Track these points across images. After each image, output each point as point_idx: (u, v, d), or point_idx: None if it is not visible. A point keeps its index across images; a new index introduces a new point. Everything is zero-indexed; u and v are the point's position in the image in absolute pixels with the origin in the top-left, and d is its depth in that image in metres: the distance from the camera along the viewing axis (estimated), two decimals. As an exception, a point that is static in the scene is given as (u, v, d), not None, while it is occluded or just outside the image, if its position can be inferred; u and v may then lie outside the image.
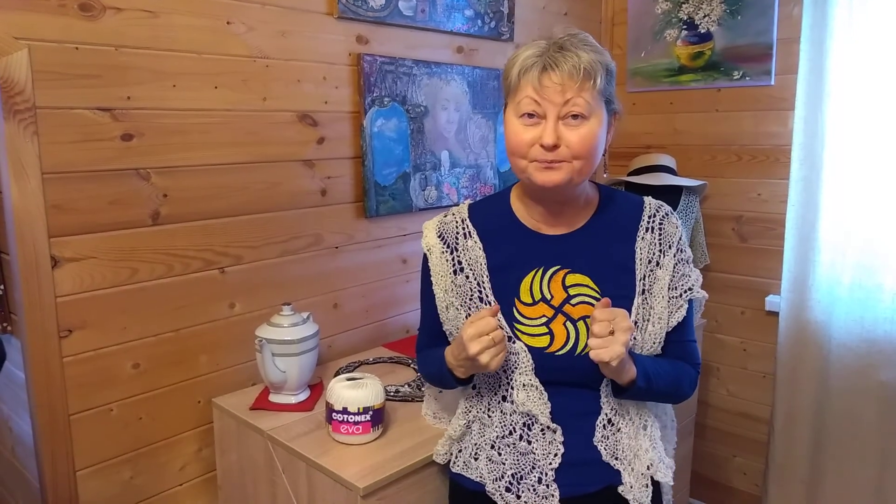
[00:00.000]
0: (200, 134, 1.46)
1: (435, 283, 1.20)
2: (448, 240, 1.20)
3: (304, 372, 1.45)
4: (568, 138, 1.04)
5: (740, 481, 2.41)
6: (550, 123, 1.04)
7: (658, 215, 1.17)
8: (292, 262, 1.66)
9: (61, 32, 1.24)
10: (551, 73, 1.03)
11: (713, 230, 2.34)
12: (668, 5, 2.35)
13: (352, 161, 1.76)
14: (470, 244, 1.18)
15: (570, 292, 1.13)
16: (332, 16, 1.66)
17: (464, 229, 1.19)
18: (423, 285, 1.24)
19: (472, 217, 1.21)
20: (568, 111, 1.03)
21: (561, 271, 1.14)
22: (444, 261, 1.19)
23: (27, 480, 1.41)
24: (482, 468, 1.16)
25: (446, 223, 1.22)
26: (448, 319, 1.20)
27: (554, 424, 1.11)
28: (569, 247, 1.15)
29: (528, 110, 1.05)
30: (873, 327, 1.96)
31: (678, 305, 1.15)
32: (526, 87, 1.05)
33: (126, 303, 1.38)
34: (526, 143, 1.06)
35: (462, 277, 1.17)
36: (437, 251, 1.20)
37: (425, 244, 1.22)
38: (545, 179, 1.06)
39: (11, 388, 1.42)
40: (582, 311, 1.12)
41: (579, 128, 1.04)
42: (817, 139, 2.00)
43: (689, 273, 1.17)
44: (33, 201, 1.23)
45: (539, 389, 1.11)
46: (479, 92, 2.05)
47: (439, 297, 1.20)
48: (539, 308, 1.13)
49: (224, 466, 1.51)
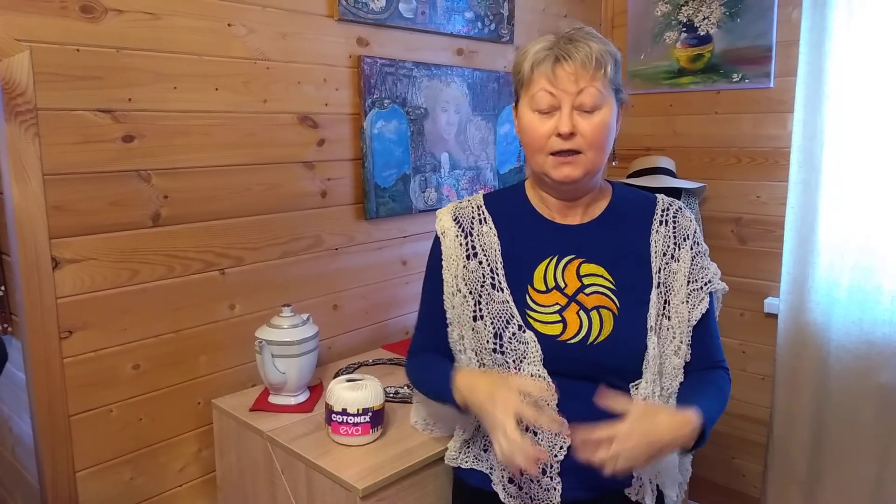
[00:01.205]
0: (201, 136, 1.46)
1: (446, 266, 1.19)
2: (463, 224, 1.20)
3: (303, 373, 1.46)
4: (582, 127, 1.06)
5: (739, 483, 2.41)
6: (566, 111, 1.06)
7: (671, 209, 1.19)
8: (292, 264, 1.67)
9: (63, 34, 1.25)
10: (564, 63, 1.06)
11: (712, 232, 2.35)
12: (667, 8, 2.36)
13: (352, 163, 1.76)
14: (485, 230, 1.18)
15: (585, 282, 1.13)
16: (333, 18, 1.67)
17: (479, 215, 1.20)
18: (431, 271, 1.23)
19: (487, 205, 1.22)
20: (582, 100, 1.06)
21: (575, 260, 1.14)
22: (458, 244, 1.18)
23: (27, 481, 1.42)
24: (492, 459, 1.15)
25: (462, 208, 1.22)
26: (454, 306, 1.18)
27: (560, 417, 1.08)
28: (584, 237, 1.16)
29: (544, 103, 1.07)
30: (872, 329, 1.96)
31: (699, 298, 1.15)
32: (540, 80, 1.07)
33: (126, 304, 1.38)
34: (543, 136, 1.08)
35: (475, 263, 1.17)
36: (451, 234, 1.19)
37: (440, 227, 1.21)
38: (563, 175, 1.08)
39: (12, 389, 1.42)
40: (595, 301, 1.12)
41: (592, 117, 1.07)
42: (816, 142, 2.01)
43: (707, 266, 1.17)
44: (34, 202, 1.24)
45: (547, 380, 1.10)
46: (479, 94, 2.06)
47: (448, 281, 1.18)
48: (552, 296, 1.12)
49: (224, 467, 1.51)
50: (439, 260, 1.20)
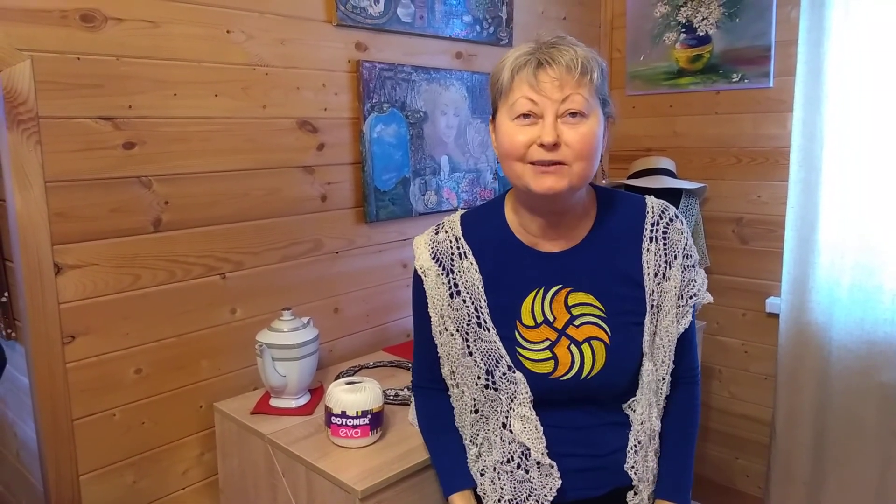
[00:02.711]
0: (201, 141, 1.48)
1: (431, 306, 1.14)
2: (443, 261, 1.13)
3: (304, 376, 1.47)
4: (568, 137, 0.98)
5: (743, 483, 2.41)
6: (549, 121, 0.97)
7: (662, 221, 1.11)
8: (293, 268, 1.68)
9: (63, 43, 1.26)
10: (548, 68, 0.98)
11: (713, 232, 2.35)
12: (666, 9, 2.36)
13: (351, 167, 1.77)
14: (465, 265, 1.11)
15: (574, 312, 1.08)
16: (331, 23, 1.68)
17: (458, 249, 1.13)
18: (416, 307, 1.19)
19: (465, 234, 1.14)
20: (567, 108, 0.98)
21: (563, 290, 1.09)
22: (441, 283, 1.13)
23: (31, 485, 1.43)
24: (486, 486, 1.14)
25: (439, 242, 1.15)
26: (442, 344, 1.15)
27: (549, 460, 1.07)
28: (569, 264, 1.09)
29: (524, 110, 0.99)
30: (873, 329, 1.96)
31: (684, 313, 1.12)
32: (521, 86, 0.99)
33: (128, 309, 1.40)
34: (522, 144, 0.99)
35: (459, 301, 1.11)
36: (432, 274, 1.13)
37: (419, 266, 1.15)
38: (545, 187, 0.99)
39: (16, 394, 1.44)
40: (587, 333, 1.07)
41: (579, 126, 0.98)
42: (816, 141, 2.01)
43: (695, 278, 1.13)
44: (36, 209, 1.25)
45: (535, 423, 1.07)
46: (479, 97, 2.07)
47: (435, 321, 1.14)
48: (542, 331, 1.08)
49: (226, 470, 1.53)
50: (423, 299, 1.16)
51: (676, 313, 1.11)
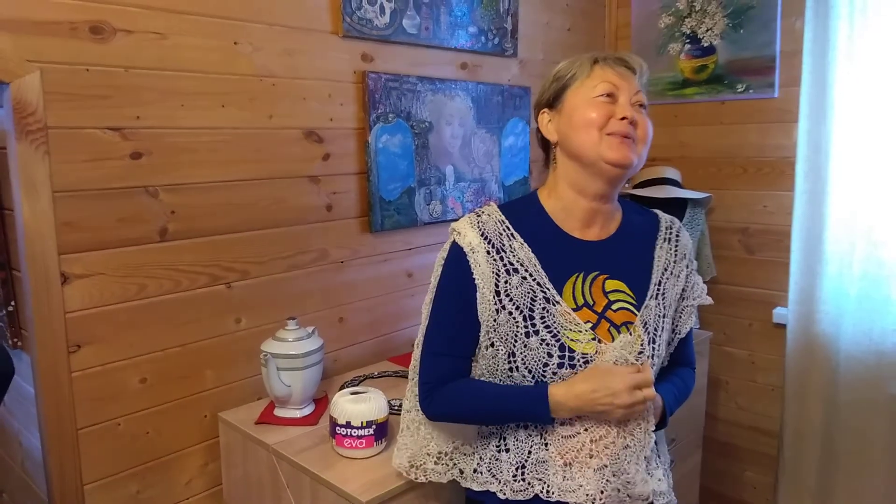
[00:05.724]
0: (208, 152, 1.48)
1: (482, 283, 1.10)
2: (492, 239, 1.12)
3: (308, 386, 1.47)
4: (639, 121, 1.10)
5: (751, 495, 2.39)
6: (626, 102, 1.10)
7: (674, 228, 1.24)
8: (298, 277, 1.68)
9: (72, 55, 1.28)
10: (624, 65, 1.13)
11: (719, 242, 2.34)
12: (671, 19, 2.37)
13: (357, 176, 1.78)
14: (516, 245, 1.13)
15: (611, 298, 1.13)
16: (338, 35, 1.69)
17: (507, 229, 1.14)
18: (451, 291, 1.14)
19: (509, 219, 1.16)
20: (637, 100, 1.11)
21: (600, 277, 1.14)
22: (493, 260, 1.11)
23: (36, 494, 1.43)
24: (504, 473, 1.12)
25: (485, 223, 1.14)
26: (498, 324, 1.10)
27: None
28: (605, 253, 1.16)
29: (607, 91, 1.10)
30: (881, 339, 1.94)
31: (689, 313, 1.23)
32: (604, 72, 1.12)
33: (134, 318, 1.40)
34: (604, 115, 1.10)
35: (518, 278, 1.10)
36: (482, 250, 1.11)
37: (466, 243, 1.12)
38: (621, 154, 1.08)
39: (22, 404, 1.44)
40: (623, 317, 1.12)
41: (644, 117, 1.12)
42: (821, 151, 2.00)
43: (698, 282, 1.26)
44: (44, 219, 1.26)
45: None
46: (484, 107, 2.07)
47: (488, 298, 1.10)
48: (583, 313, 1.10)
49: (230, 481, 1.52)
50: (460, 278, 1.12)
51: (683, 312, 1.23)
